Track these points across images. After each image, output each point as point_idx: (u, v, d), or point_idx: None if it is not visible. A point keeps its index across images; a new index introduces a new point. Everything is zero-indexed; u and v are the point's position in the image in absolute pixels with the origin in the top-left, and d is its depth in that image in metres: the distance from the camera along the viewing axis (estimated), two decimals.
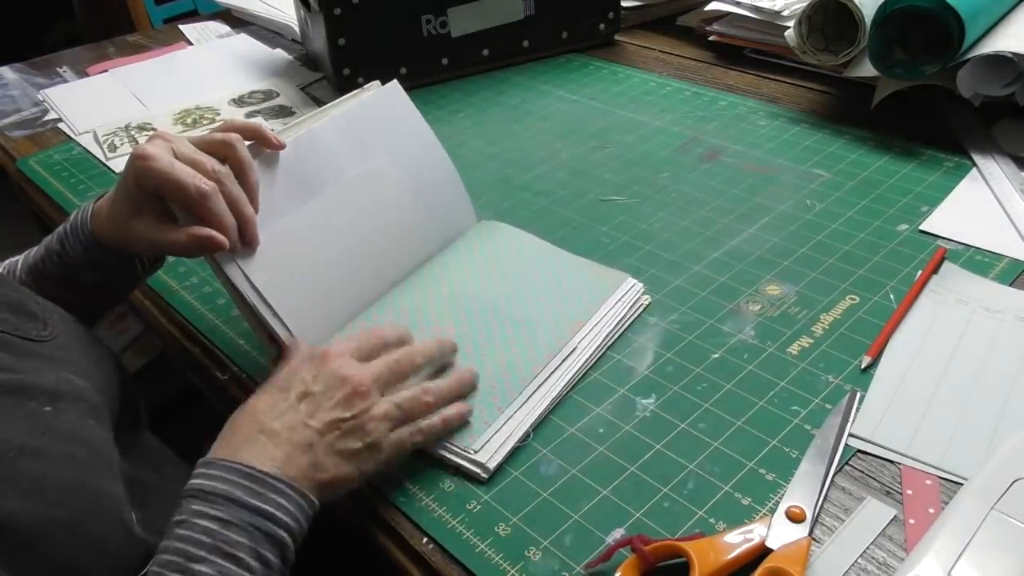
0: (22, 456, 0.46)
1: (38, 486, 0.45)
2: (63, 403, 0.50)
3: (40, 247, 0.67)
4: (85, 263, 0.64)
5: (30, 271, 0.66)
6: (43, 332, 0.55)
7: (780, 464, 0.54)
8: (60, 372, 0.52)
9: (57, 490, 0.46)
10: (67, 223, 0.65)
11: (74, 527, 0.46)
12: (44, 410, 0.49)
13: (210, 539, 0.46)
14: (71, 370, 0.54)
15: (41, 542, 0.44)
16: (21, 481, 0.45)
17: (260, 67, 1.24)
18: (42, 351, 0.53)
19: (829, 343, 0.63)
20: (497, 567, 0.50)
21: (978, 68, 0.85)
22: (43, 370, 0.51)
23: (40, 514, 0.45)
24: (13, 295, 0.57)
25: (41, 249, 0.67)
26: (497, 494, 0.54)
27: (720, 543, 0.48)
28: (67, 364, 0.54)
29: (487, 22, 1.13)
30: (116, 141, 1.04)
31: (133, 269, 0.67)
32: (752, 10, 1.09)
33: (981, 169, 0.82)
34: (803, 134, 0.93)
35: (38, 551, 0.44)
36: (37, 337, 0.54)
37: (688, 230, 0.78)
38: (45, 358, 0.53)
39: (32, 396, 0.49)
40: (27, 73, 1.30)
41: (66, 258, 0.64)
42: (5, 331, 0.52)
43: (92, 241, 0.63)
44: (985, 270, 0.69)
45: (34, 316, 0.56)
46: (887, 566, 0.47)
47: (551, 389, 0.60)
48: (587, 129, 0.99)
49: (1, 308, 0.54)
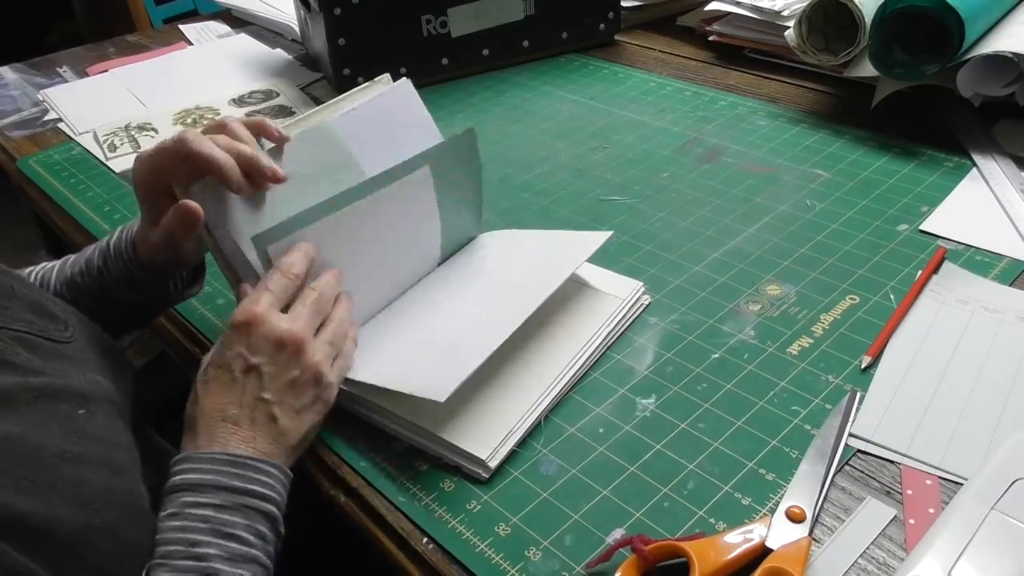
0: (63, 462, 0.45)
1: (80, 492, 0.45)
2: (93, 405, 0.50)
3: (79, 260, 0.67)
4: (125, 281, 0.64)
5: (68, 284, 0.66)
6: (65, 333, 0.55)
7: (780, 464, 0.54)
8: (86, 373, 0.52)
9: (97, 496, 0.46)
10: (110, 239, 0.66)
11: (114, 532, 0.46)
12: (78, 413, 0.49)
13: (208, 524, 0.48)
14: (95, 371, 0.54)
15: (86, 548, 0.44)
16: (64, 487, 0.45)
17: (260, 67, 1.24)
18: (65, 352, 0.53)
19: (829, 343, 0.63)
20: (497, 567, 0.50)
21: (978, 68, 0.85)
22: (69, 371, 0.51)
23: (83, 520, 0.45)
24: (33, 296, 0.56)
25: (81, 263, 0.67)
26: (497, 494, 0.54)
27: (720, 543, 0.48)
28: (89, 365, 0.54)
29: (487, 22, 1.13)
30: (116, 141, 1.04)
31: (167, 289, 0.67)
32: (752, 10, 1.09)
33: (981, 169, 0.82)
34: (803, 134, 0.93)
35: (83, 557, 0.44)
36: (60, 338, 0.54)
37: (688, 230, 0.78)
38: (68, 359, 0.53)
39: (64, 399, 0.49)
40: (27, 73, 1.30)
41: (106, 274, 0.65)
42: (31, 332, 0.52)
43: (134, 259, 0.64)
44: (985, 270, 0.69)
45: (55, 317, 0.55)
46: (887, 566, 0.47)
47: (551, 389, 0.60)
48: (587, 129, 0.99)
49: (23, 309, 0.54)
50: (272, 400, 0.53)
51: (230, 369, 0.53)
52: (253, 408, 0.52)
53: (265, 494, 0.50)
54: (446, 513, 0.53)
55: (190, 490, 0.49)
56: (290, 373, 0.53)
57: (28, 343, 0.51)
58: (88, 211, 0.92)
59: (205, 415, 0.53)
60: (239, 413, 0.52)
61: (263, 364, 0.53)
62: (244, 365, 0.53)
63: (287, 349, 0.54)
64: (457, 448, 0.56)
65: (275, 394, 0.53)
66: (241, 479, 0.50)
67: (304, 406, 0.54)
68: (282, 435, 0.53)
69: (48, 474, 0.44)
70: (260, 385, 0.53)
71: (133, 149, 1.02)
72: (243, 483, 0.50)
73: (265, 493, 0.50)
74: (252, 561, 0.48)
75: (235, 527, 0.48)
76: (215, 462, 0.50)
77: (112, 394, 0.53)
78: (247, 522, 0.49)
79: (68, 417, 0.48)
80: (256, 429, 0.52)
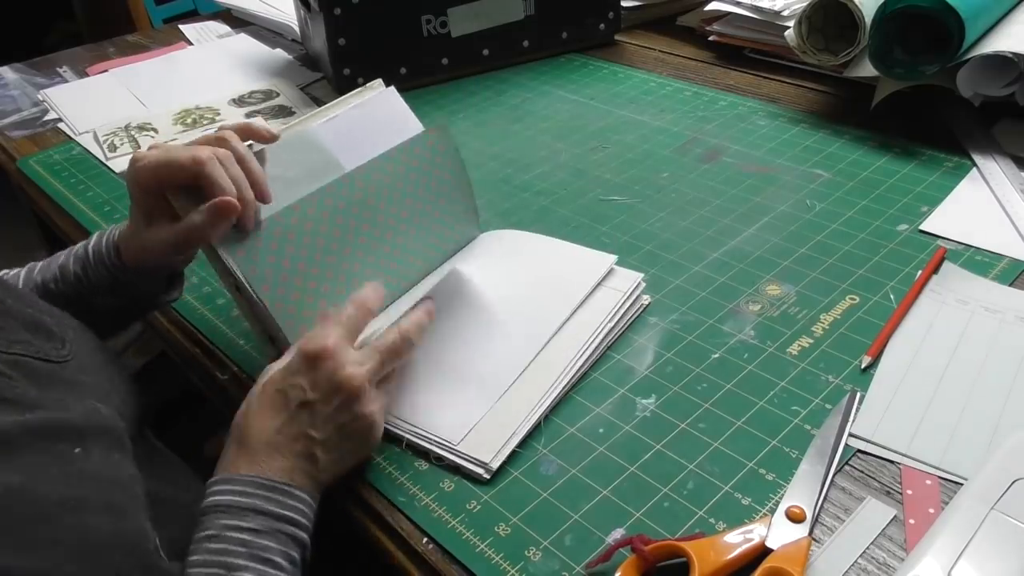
0: (63, 511, 0.44)
1: (83, 544, 0.44)
2: (89, 440, 0.49)
3: (49, 267, 0.66)
4: (107, 286, 0.64)
5: (40, 290, 0.65)
6: (62, 351, 0.53)
7: (780, 464, 0.54)
8: (84, 400, 0.51)
9: (101, 545, 0.45)
10: (87, 244, 0.66)
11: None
12: (74, 452, 0.47)
13: (246, 548, 0.49)
14: (92, 394, 0.52)
15: None
16: (68, 539, 0.44)
17: (260, 67, 1.24)
18: (63, 374, 0.52)
19: (829, 343, 0.63)
20: (497, 567, 0.50)
21: (978, 68, 0.85)
22: (67, 400, 0.50)
23: (88, 572, 0.44)
24: (29, 311, 0.55)
25: (54, 269, 0.66)
26: (497, 494, 0.54)
27: (720, 543, 0.48)
28: (88, 388, 0.53)
29: (487, 22, 1.13)
30: (116, 141, 1.04)
31: (148, 294, 0.67)
32: (752, 10, 1.09)
33: (981, 169, 0.82)
34: (803, 134, 0.93)
35: None
36: (57, 358, 0.52)
37: (688, 230, 0.78)
38: (67, 383, 0.51)
39: (61, 436, 0.47)
40: (27, 73, 1.30)
41: (85, 281, 0.64)
42: (27, 354, 0.50)
43: (117, 264, 0.63)
44: (985, 270, 0.69)
45: (52, 334, 0.54)
46: (887, 566, 0.47)
47: (551, 389, 0.60)
48: (587, 129, 0.99)
49: (20, 328, 0.52)
50: (318, 439, 0.53)
51: (287, 397, 0.54)
52: (298, 441, 0.53)
53: (298, 521, 0.51)
54: (446, 513, 0.53)
55: (229, 512, 0.50)
56: (341, 418, 0.54)
57: (25, 367, 0.49)
58: (88, 211, 0.92)
59: (252, 433, 0.53)
60: (284, 443, 0.53)
61: (318, 403, 0.53)
62: (301, 398, 0.53)
63: (344, 394, 0.54)
64: (457, 450, 0.56)
65: (322, 433, 0.53)
66: (278, 504, 0.51)
67: (346, 451, 0.55)
68: (319, 473, 0.53)
69: (50, 528, 0.43)
70: (311, 422, 0.53)
71: (133, 149, 1.02)
72: (280, 509, 0.50)
73: (298, 520, 0.51)
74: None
75: (271, 552, 0.49)
76: (255, 486, 0.51)
77: (110, 421, 0.52)
78: (282, 547, 0.50)
79: (66, 458, 0.47)
80: (296, 462, 0.53)
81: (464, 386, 0.61)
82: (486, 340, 0.64)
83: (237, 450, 0.53)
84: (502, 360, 0.62)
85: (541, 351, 0.63)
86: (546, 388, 0.60)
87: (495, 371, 0.61)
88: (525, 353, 0.62)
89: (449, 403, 0.60)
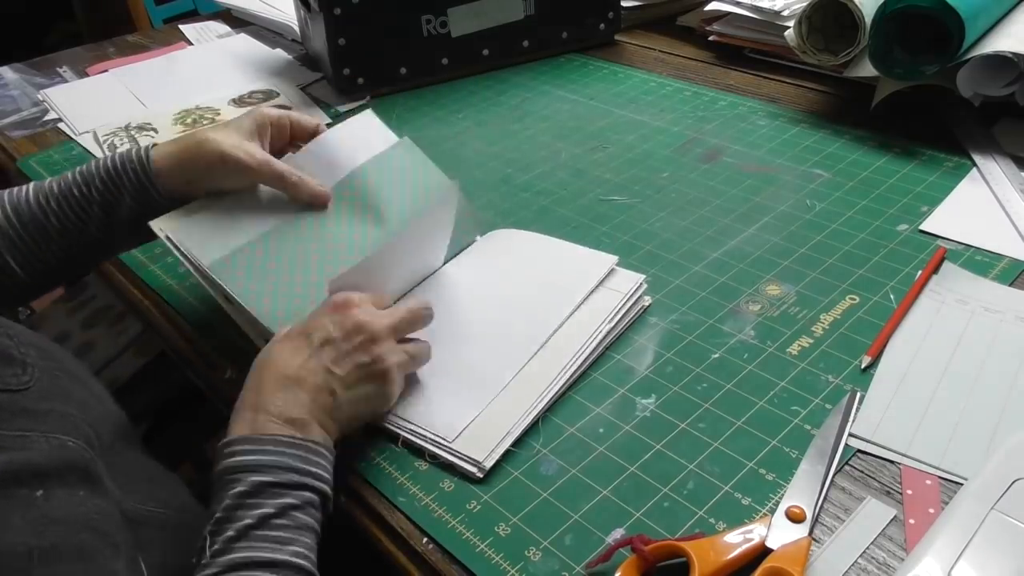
0: (32, 564, 0.43)
1: None
2: (52, 480, 0.46)
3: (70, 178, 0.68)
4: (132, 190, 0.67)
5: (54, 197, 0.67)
6: (23, 378, 0.50)
7: (780, 464, 0.54)
8: (48, 434, 0.48)
9: None
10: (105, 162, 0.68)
11: None
12: (36, 496, 0.45)
13: (279, 500, 0.50)
14: (58, 423, 0.49)
15: None
16: None
17: (260, 67, 1.24)
18: (25, 403, 0.48)
19: (829, 343, 0.63)
20: (497, 567, 0.50)
21: (978, 68, 0.85)
22: (29, 435, 0.47)
23: None
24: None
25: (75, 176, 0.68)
26: (497, 494, 0.54)
27: (720, 543, 0.48)
28: (52, 417, 0.49)
29: (487, 22, 1.13)
30: (116, 141, 1.04)
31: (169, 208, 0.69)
32: (752, 10, 1.09)
33: (981, 169, 0.82)
34: (803, 134, 0.93)
35: None
36: (18, 386, 0.49)
37: (688, 230, 0.78)
38: (29, 414, 0.48)
39: (21, 481, 0.45)
40: (27, 73, 1.30)
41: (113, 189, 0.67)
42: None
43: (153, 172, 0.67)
44: (985, 270, 0.69)
45: (12, 359, 0.50)
46: (887, 566, 0.47)
47: (548, 389, 0.60)
48: (587, 129, 0.99)
49: None
50: (338, 374, 0.55)
51: (309, 337, 0.56)
52: (319, 375, 0.55)
53: (320, 475, 0.53)
54: (446, 513, 0.53)
55: (258, 470, 0.51)
56: (360, 358, 0.56)
57: None
58: None
59: (272, 369, 0.55)
60: (305, 376, 0.55)
61: (340, 341, 0.56)
62: (323, 336, 0.56)
63: (364, 335, 0.56)
64: (452, 448, 0.56)
65: (342, 369, 0.55)
66: (303, 460, 0.52)
67: (363, 395, 0.56)
68: (336, 409, 0.55)
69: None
70: (332, 357, 0.55)
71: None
72: (304, 464, 0.52)
73: (320, 474, 0.53)
74: (311, 530, 0.51)
75: (300, 499, 0.51)
76: (279, 444, 0.52)
77: (76, 454, 0.49)
78: (310, 495, 0.52)
79: (28, 503, 0.44)
80: (316, 394, 0.54)
81: (461, 384, 0.61)
82: (484, 339, 0.64)
83: (258, 388, 0.55)
84: (500, 359, 0.62)
85: (540, 350, 0.63)
86: (543, 388, 0.60)
87: (492, 370, 0.61)
88: (523, 352, 0.62)
89: (445, 401, 0.60)
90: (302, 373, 0.55)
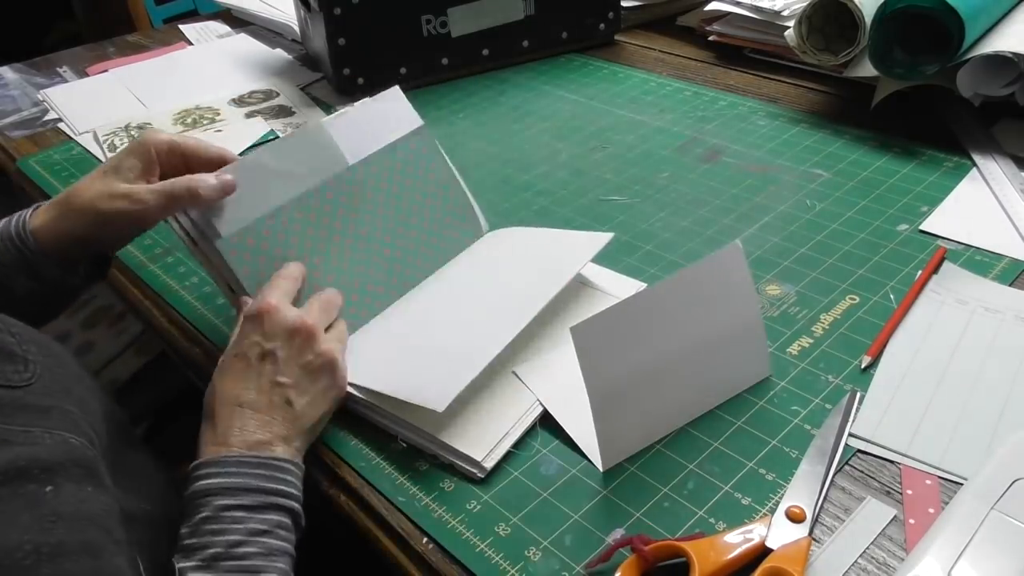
0: (40, 561, 0.42)
1: None
2: (60, 475, 0.46)
3: None
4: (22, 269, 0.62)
5: None
6: (25, 374, 0.50)
7: (780, 464, 0.54)
8: (52, 430, 0.48)
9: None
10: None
11: None
12: (45, 491, 0.45)
13: (243, 525, 0.50)
14: (60, 420, 0.49)
15: None
16: None
17: (260, 67, 1.24)
18: (27, 399, 0.48)
19: (829, 343, 0.63)
20: (497, 567, 0.50)
21: (978, 68, 0.85)
22: (33, 430, 0.47)
23: None
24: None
25: None
26: (497, 494, 0.54)
27: (720, 543, 0.48)
28: (54, 414, 0.49)
29: (487, 22, 1.13)
30: (116, 141, 1.04)
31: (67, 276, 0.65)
32: (752, 10, 1.09)
33: (981, 169, 0.82)
34: (803, 134, 0.93)
35: None
36: (20, 382, 0.49)
37: (688, 230, 0.78)
38: (32, 410, 0.48)
39: (30, 476, 0.45)
40: (27, 73, 1.30)
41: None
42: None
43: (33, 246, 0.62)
44: (985, 270, 0.69)
45: (13, 355, 0.50)
46: (887, 566, 0.47)
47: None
48: (587, 129, 0.99)
49: None
50: (288, 383, 0.54)
51: (246, 357, 0.55)
52: (270, 392, 0.54)
53: (288, 492, 0.52)
54: (446, 513, 0.53)
55: (221, 494, 0.50)
56: (304, 358, 0.56)
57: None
58: None
59: (223, 401, 0.54)
60: (256, 398, 0.54)
61: (278, 349, 0.55)
62: (260, 351, 0.55)
63: (301, 335, 0.56)
64: (452, 448, 0.56)
65: (290, 377, 0.55)
66: (267, 479, 0.51)
67: (318, 392, 0.56)
68: (298, 419, 0.55)
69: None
70: (276, 369, 0.55)
71: None
72: (270, 483, 0.51)
73: (288, 491, 0.52)
74: (284, 554, 0.51)
75: (267, 524, 0.50)
76: (242, 464, 0.51)
77: (79, 451, 0.49)
78: (277, 518, 0.51)
79: (36, 499, 0.44)
80: (273, 412, 0.54)
81: (450, 356, 0.61)
82: (474, 313, 0.65)
83: (212, 421, 0.54)
84: (490, 333, 0.62)
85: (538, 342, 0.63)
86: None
87: (482, 344, 0.61)
88: (513, 325, 0.62)
89: (434, 372, 0.60)
90: (252, 395, 0.54)
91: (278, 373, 0.55)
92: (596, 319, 0.52)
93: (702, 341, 0.56)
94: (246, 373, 0.55)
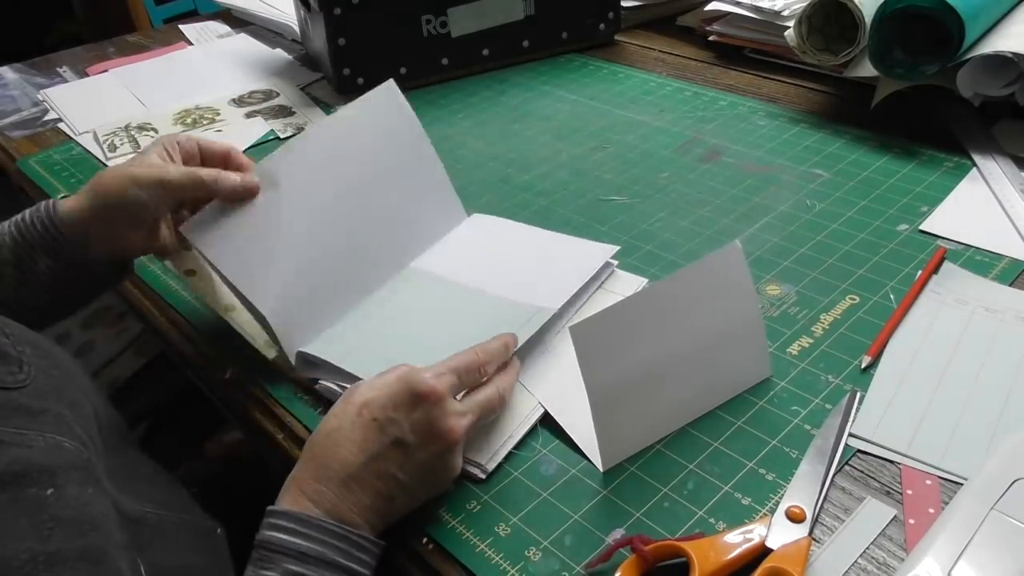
0: (38, 570, 0.42)
1: None
2: (61, 477, 0.46)
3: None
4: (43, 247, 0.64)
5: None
6: (19, 375, 0.49)
7: (780, 464, 0.54)
8: (44, 433, 0.47)
9: None
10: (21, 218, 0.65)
11: None
12: (47, 494, 0.44)
13: None
14: (52, 424, 0.48)
15: None
16: None
17: (260, 67, 1.24)
18: (22, 400, 0.48)
19: (829, 343, 0.63)
20: (497, 567, 0.50)
21: (978, 68, 0.85)
22: (29, 433, 0.46)
23: None
24: None
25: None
26: (497, 494, 0.54)
27: (720, 543, 0.48)
28: (47, 417, 0.49)
29: (487, 22, 1.13)
30: (116, 141, 1.04)
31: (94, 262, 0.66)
32: (752, 10, 1.09)
33: (981, 169, 0.82)
34: (803, 134, 0.93)
35: None
36: (14, 384, 0.48)
37: (688, 230, 0.78)
38: (27, 412, 0.48)
39: (29, 480, 0.44)
40: (27, 73, 1.30)
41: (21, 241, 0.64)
42: None
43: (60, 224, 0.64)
44: (985, 270, 0.69)
45: (8, 356, 0.49)
46: (887, 566, 0.47)
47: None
48: (587, 129, 0.99)
49: None
50: (402, 482, 0.51)
51: (383, 431, 0.52)
52: (383, 480, 0.51)
53: (362, 572, 0.50)
54: (446, 513, 0.53)
55: (297, 559, 0.48)
56: (432, 464, 0.52)
57: None
58: None
59: (334, 458, 0.51)
60: (369, 479, 0.51)
61: (413, 446, 0.52)
62: (397, 436, 0.51)
63: (443, 443, 0.52)
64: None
65: (407, 477, 0.52)
66: (345, 555, 0.49)
67: (421, 496, 0.54)
68: (392, 514, 0.52)
69: None
70: (400, 464, 0.51)
71: (133, 149, 1.02)
72: (346, 560, 0.49)
73: (361, 572, 0.50)
74: None
75: None
76: (324, 532, 0.49)
77: (75, 455, 0.48)
78: None
79: (37, 504, 0.44)
80: (375, 501, 0.51)
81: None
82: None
83: (316, 472, 0.51)
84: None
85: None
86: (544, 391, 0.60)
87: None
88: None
89: None
90: (365, 474, 0.51)
91: (400, 468, 0.51)
92: (595, 319, 0.51)
93: (702, 341, 0.56)
94: (371, 448, 0.51)
